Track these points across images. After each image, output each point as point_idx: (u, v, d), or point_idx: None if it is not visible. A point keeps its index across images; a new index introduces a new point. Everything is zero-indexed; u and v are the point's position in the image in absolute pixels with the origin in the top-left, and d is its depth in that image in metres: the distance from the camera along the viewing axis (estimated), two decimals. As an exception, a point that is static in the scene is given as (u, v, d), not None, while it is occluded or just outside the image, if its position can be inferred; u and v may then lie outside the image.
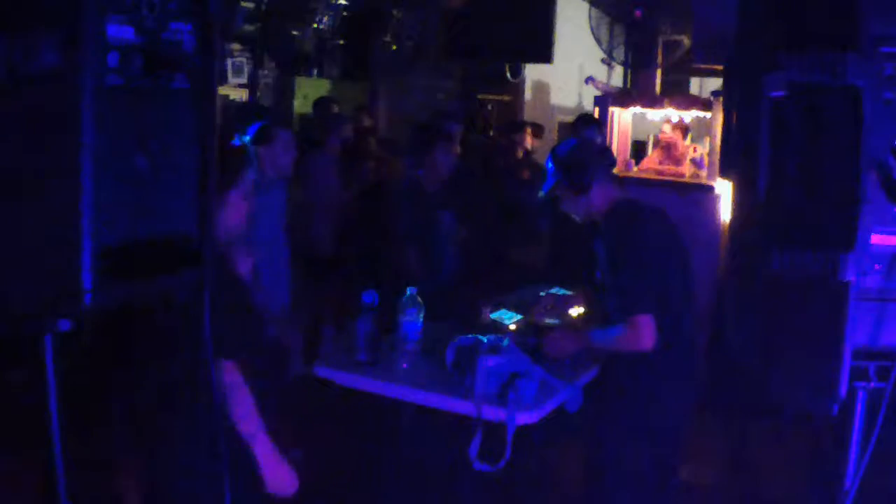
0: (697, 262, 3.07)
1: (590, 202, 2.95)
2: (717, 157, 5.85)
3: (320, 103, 6.53)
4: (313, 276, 4.99)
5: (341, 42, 8.43)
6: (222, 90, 7.64)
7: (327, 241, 5.24)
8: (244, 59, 7.94)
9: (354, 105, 7.36)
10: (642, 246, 2.81)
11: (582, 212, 3.01)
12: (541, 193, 3.10)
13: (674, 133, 6.49)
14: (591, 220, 3.01)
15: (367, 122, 6.79)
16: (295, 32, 7.78)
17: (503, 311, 3.59)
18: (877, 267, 1.60)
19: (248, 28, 7.63)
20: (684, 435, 3.01)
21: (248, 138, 3.93)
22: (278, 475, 2.23)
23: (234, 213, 2.33)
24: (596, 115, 6.50)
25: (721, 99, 5.39)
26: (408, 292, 3.10)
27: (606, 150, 3.51)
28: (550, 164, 3.02)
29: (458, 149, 5.58)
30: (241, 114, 4.97)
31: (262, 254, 3.46)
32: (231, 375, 2.16)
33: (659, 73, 6.85)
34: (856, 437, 1.74)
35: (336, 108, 6.31)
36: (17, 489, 3.19)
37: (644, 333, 2.71)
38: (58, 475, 1.37)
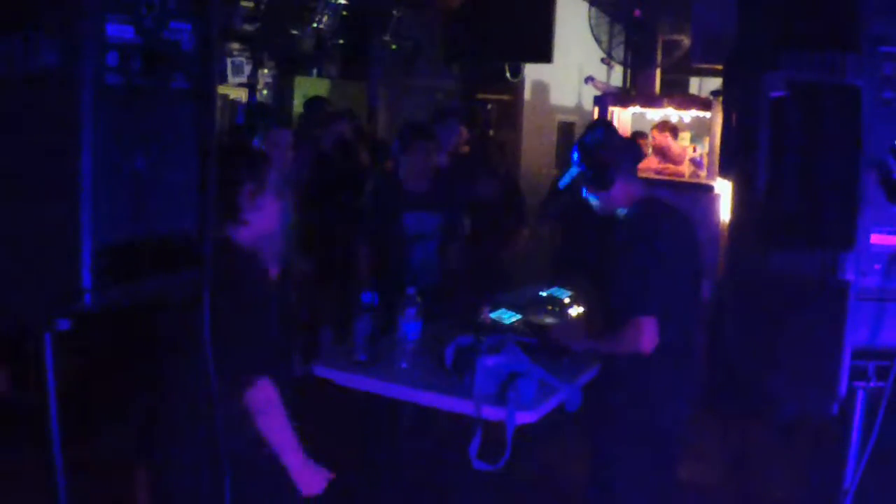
0: (697, 262, 3.07)
1: (611, 198, 2.92)
2: (716, 156, 5.85)
3: (312, 103, 6.50)
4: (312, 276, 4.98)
5: (341, 42, 8.42)
6: (222, 90, 7.64)
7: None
8: (244, 59, 7.93)
9: (344, 108, 7.32)
10: (653, 247, 2.78)
11: (603, 206, 2.98)
12: (561, 183, 3.08)
13: (662, 136, 6.51)
14: (609, 214, 2.97)
15: (350, 124, 6.73)
16: (294, 32, 7.77)
17: (503, 310, 3.59)
18: (876, 267, 1.60)
19: (248, 28, 7.62)
20: (684, 435, 3.01)
21: (256, 141, 3.94)
22: (311, 480, 2.30)
23: (266, 217, 2.33)
24: (596, 114, 6.50)
25: (720, 99, 5.38)
26: (408, 292, 3.10)
27: (633, 146, 3.47)
28: (576, 155, 2.96)
29: (466, 148, 5.55)
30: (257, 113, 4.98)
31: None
32: (267, 391, 2.20)
33: (658, 72, 6.85)
34: (855, 436, 1.73)
35: (328, 108, 6.29)
36: (17, 489, 3.19)
37: (645, 335, 2.70)
38: (58, 475, 1.37)
